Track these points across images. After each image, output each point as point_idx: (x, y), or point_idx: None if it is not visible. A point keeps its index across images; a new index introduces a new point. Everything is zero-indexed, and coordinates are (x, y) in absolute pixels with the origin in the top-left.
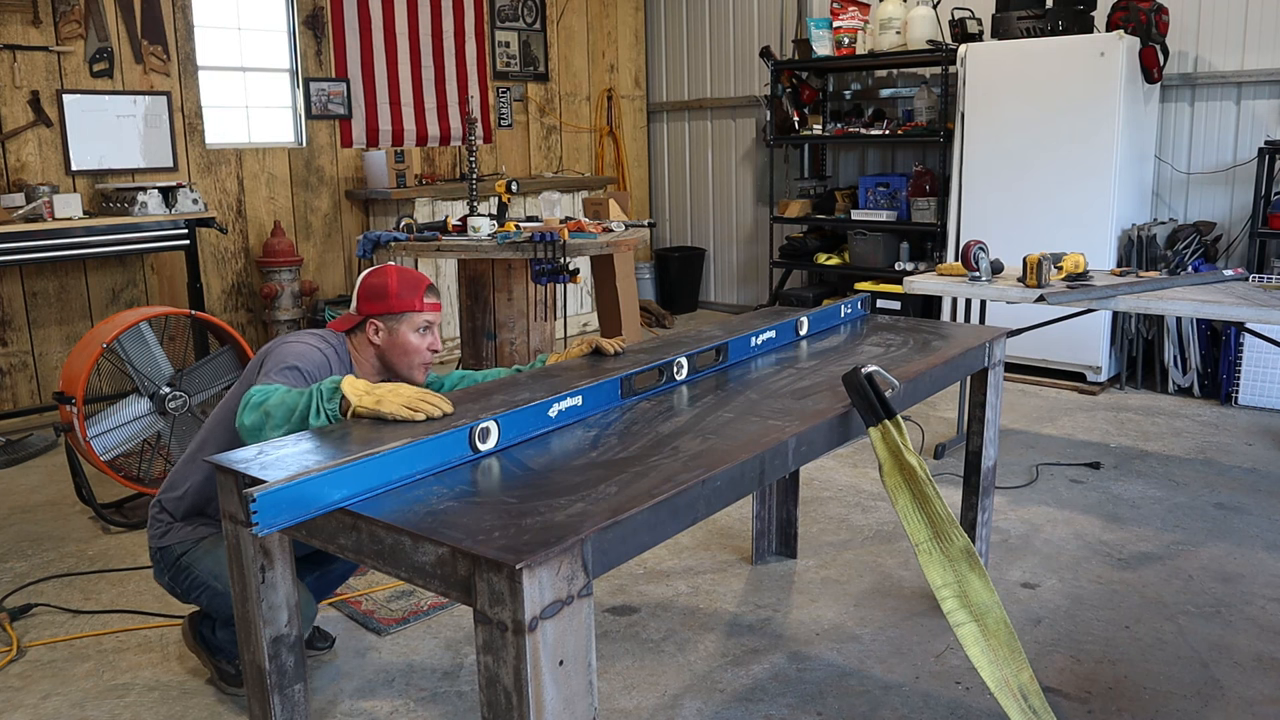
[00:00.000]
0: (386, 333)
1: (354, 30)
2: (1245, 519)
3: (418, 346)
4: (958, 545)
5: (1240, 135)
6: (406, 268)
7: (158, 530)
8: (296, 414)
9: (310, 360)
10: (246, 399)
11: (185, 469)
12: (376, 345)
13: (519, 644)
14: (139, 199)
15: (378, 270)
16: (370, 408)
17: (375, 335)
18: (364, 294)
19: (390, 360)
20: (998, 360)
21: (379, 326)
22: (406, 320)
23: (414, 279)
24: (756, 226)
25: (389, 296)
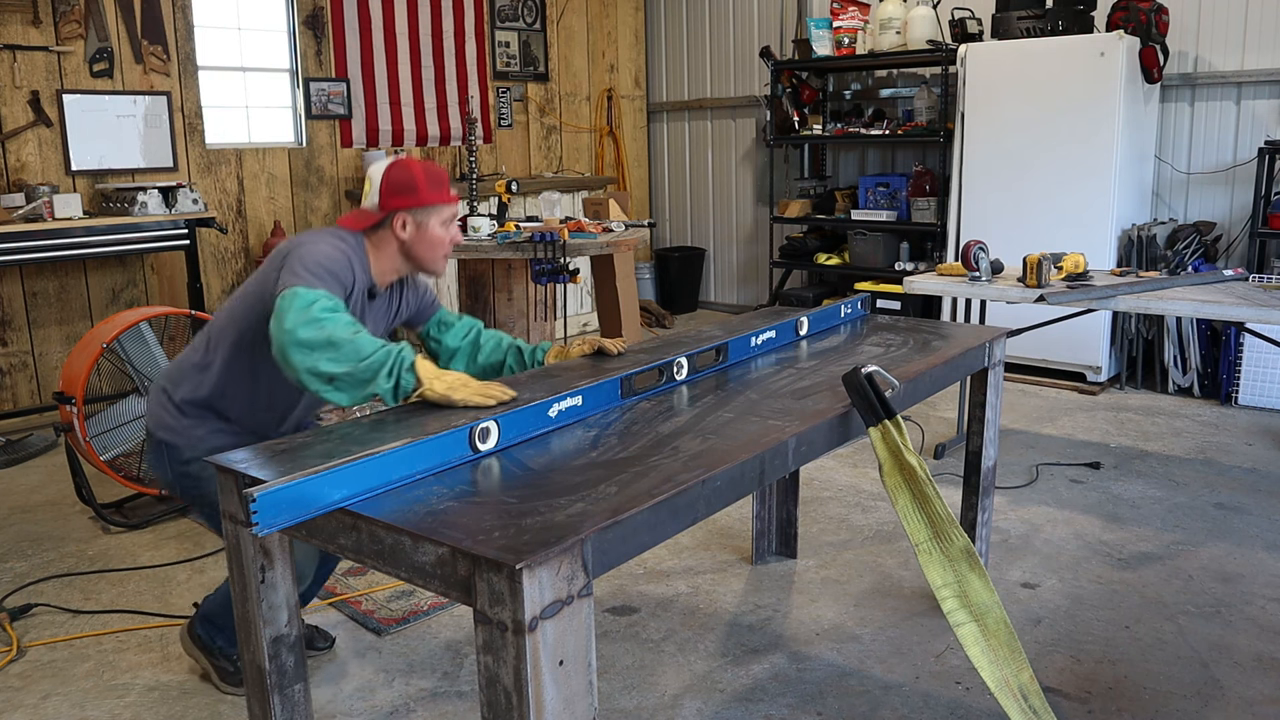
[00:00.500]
0: (415, 226)
1: (354, 30)
2: (1245, 519)
3: (443, 239)
4: (958, 545)
5: (1240, 135)
6: (426, 161)
7: (162, 419)
8: (365, 364)
9: (339, 265)
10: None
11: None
12: (402, 240)
13: (519, 644)
14: (139, 199)
15: (400, 164)
16: (442, 393)
17: (402, 230)
18: (389, 188)
19: (416, 254)
20: (998, 360)
21: (407, 220)
22: (435, 213)
23: (438, 172)
24: (756, 226)
25: (418, 190)
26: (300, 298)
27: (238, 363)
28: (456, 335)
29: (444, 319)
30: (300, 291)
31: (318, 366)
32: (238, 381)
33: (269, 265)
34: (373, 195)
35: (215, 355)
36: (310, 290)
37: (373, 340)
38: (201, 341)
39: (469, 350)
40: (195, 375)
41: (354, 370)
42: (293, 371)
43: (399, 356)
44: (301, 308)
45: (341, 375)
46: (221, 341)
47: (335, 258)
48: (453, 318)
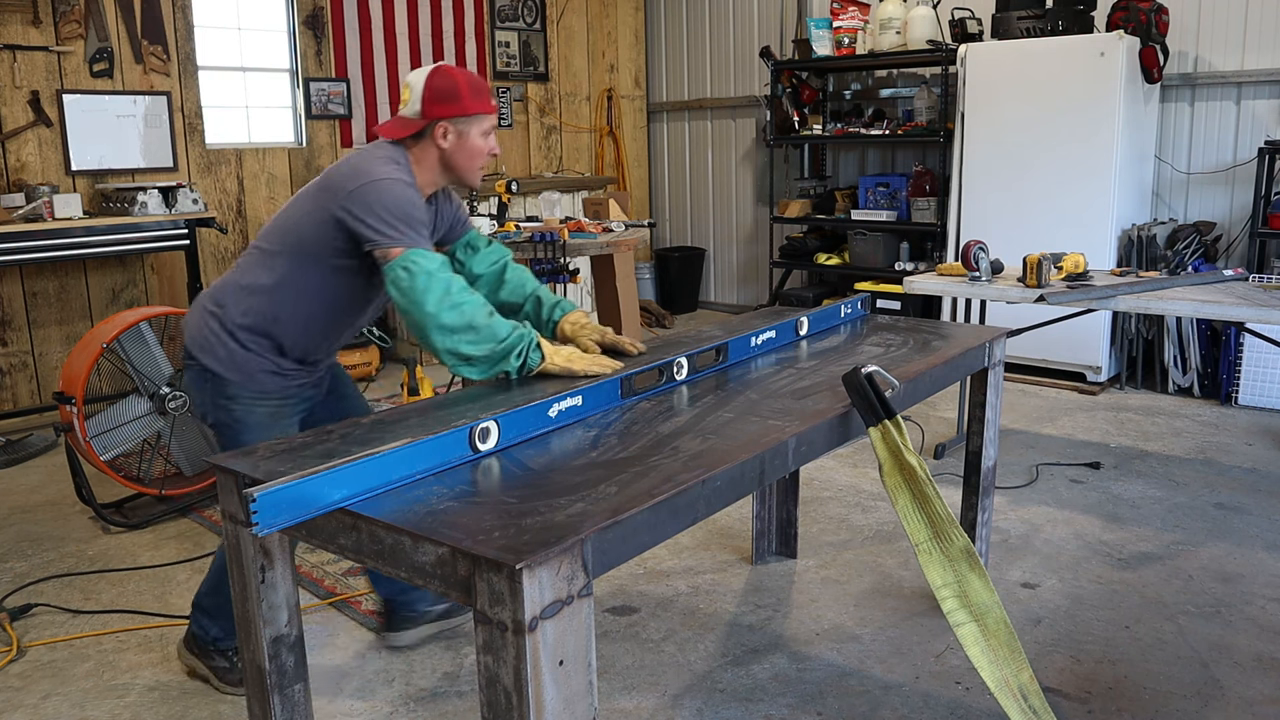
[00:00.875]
0: (456, 136)
1: (354, 30)
2: (1245, 519)
3: (482, 149)
4: (958, 545)
5: (1240, 135)
6: (466, 69)
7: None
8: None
9: (418, 205)
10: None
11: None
12: (443, 149)
13: (519, 644)
14: (139, 199)
15: (441, 71)
16: (562, 365)
17: (443, 138)
18: (432, 96)
19: (456, 164)
20: (998, 360)
21: (448, 129)
22: (476, 123)
23: (479, 81)
24: (756, 226)
25: (461, 98)
26: (435, 279)
27: (293, 287)
28: (483, 262)
29: (472, 241)
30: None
31: (459, 349)
32: (293, 305)
33: (329, 196)
34: (413, 103)
35: (269, 278)
36: (427, 257)
37: (504, 322)
38: (251, 263)
39: (492, 281)
40: (247, 298)
41: (492, 352)
42: (432, 350)
43: (528, 338)
44: (441, 292)
45: (480, 357)
46: (274, 264)
47: (412, 198)
48: (481, 241)
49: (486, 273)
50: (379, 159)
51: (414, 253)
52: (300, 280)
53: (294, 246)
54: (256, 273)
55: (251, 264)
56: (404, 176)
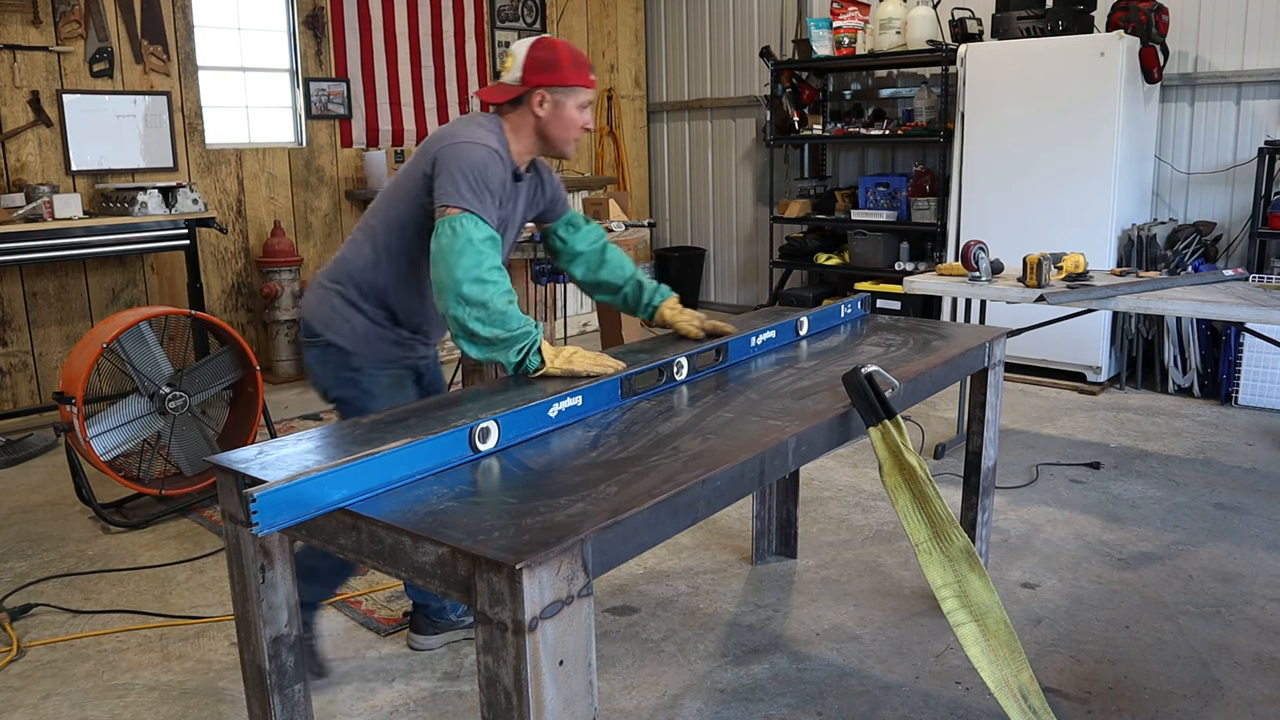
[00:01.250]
0: (553, 105)
1: (354, 30)
2: (1245, 519)
3: (577, 121)
4: (958, 545)
5: (1240, 135)
6: (568, 43)
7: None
8: (507, 336)
9: (493, 175)
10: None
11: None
12: (539, 117)
13: (519, 644)
14: (139, 199)
15: (544, 42)
16: (563, 367)
17: (540, 107)
18: (532, 65)
19: (550, 133)
20: (998, 360)
21: (545, 98)
22: (573, 95)
23: (581, 55)
24: (756, 226)
25: (561, 69)
26: (473, 248)
27: (396, 255)
28: (585, 240)
29: (573, 220)
30: (469, 229)
31: (467, 322)
32: (399, 274)
33: (422, 158)
34: (514, 70)
35: (374, 250)
36: (478, 225)
37: (519, 316)
38: (359, 238)
39: (593, 260)
40: (359, 272)
41: (495, 336)
42: (443, 311)
43: (533, 339)
44: (473, 262)
45: (483, 337)
46: (377, 236)
47: (490, 165)
48: (580, 220)
49: (588, 250)
50: (473, 124)
51: (467, 216)
52: (401, 247)
53: (394, 216)
54: (363, 247)
55: (359, 239)
56: (491, 143)
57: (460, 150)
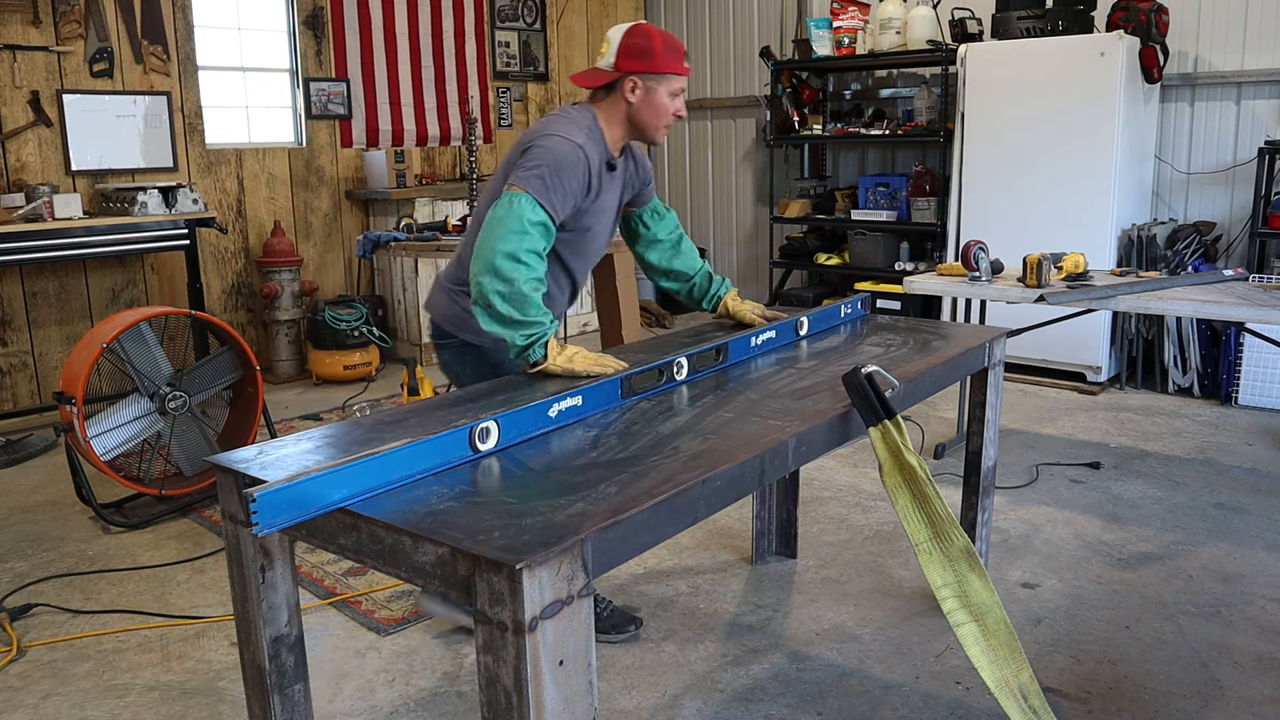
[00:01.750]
0: (644, 91)
1: (354, 30)
2: (1245, 519)
3: (668, 109)
4: (958, 545)
5: (1240, 135)
6: (665, 30)
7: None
8: (520, 320)
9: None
10: (514, 230)
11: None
12: (630, 103)
13: (519, 644)
14: (139, 199)
15: (639, 29)
16: (564, 366)
17: (631, 93)
18: (626, 51)
19: (641, 119)
20: (998, 360)
21: (637, 84)
22: (665, 82)
23: (675, 42)
24: (756, 226)
25: (654, 56)
26: (523, 228)
27: None
28: (665, 228)
29: (657, 207)
30: (525, 210)
31: (488, 292)
32: None
33: (515, 151)
34: (609, 56)
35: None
36: (534, 208)
37: (539, 305)
38: (469, 238)
39: (670, 248)
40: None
41: (510, 316)
42: (472, 275)
43: (544, 332)
44: (517, 241)
45: (499, 311)
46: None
47: (569, 162)
48: (663, 207)
49: (666, 238)
50: (564, 118)
51: (529, 198)
52: None
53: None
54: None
55: (468, 239)
56: (577, 138)
57: (546, 144)
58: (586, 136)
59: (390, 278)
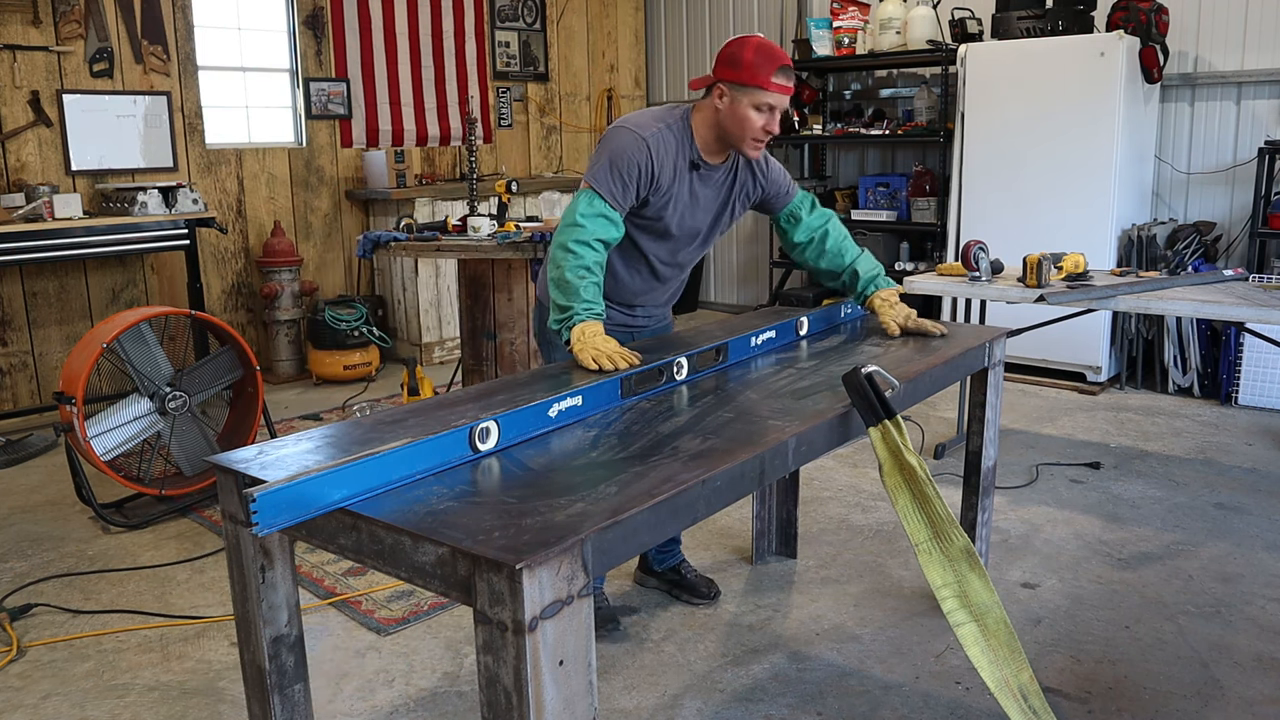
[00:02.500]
0: (730, 100)
1: (354, 30)
2: (1245, 519)
3: (752, 121)
4: (958, 545)
5: (1240, 135)
6: (769, 42)
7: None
8: (560, 304)
9: (633, 164)
10: (572, 223)
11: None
12: (717, 109)
13: (519, 644)
14: (139, 199)
15: (741, 39)
16: (575, 351)
17: (720, 100)
18: (721, 58)
19: (726, 128)
20: (998, 360)
21: (724, 92)
22: (749, 94)
23: (770, 54)
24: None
25: (741, 66)
26: (578, 219)
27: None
28: (803, 232)
29: (794, 212)
30: (582, 201)
31: (550, 271)
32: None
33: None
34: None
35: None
36: (591, 202)
37: (581, 292)
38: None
39: (813, 250)
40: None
41: (554, 298)
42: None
43: (573, 316)
44: (571, 231)
45: (550, 293)
46: None
47: (631, 150)
48: (804, 210)
49: (804, 243)
50: (645, 113)
51: (587, 192)
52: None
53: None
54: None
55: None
56: (645, 131)
57: (613, 135)
58: (662, 130)
59: (390, 278)
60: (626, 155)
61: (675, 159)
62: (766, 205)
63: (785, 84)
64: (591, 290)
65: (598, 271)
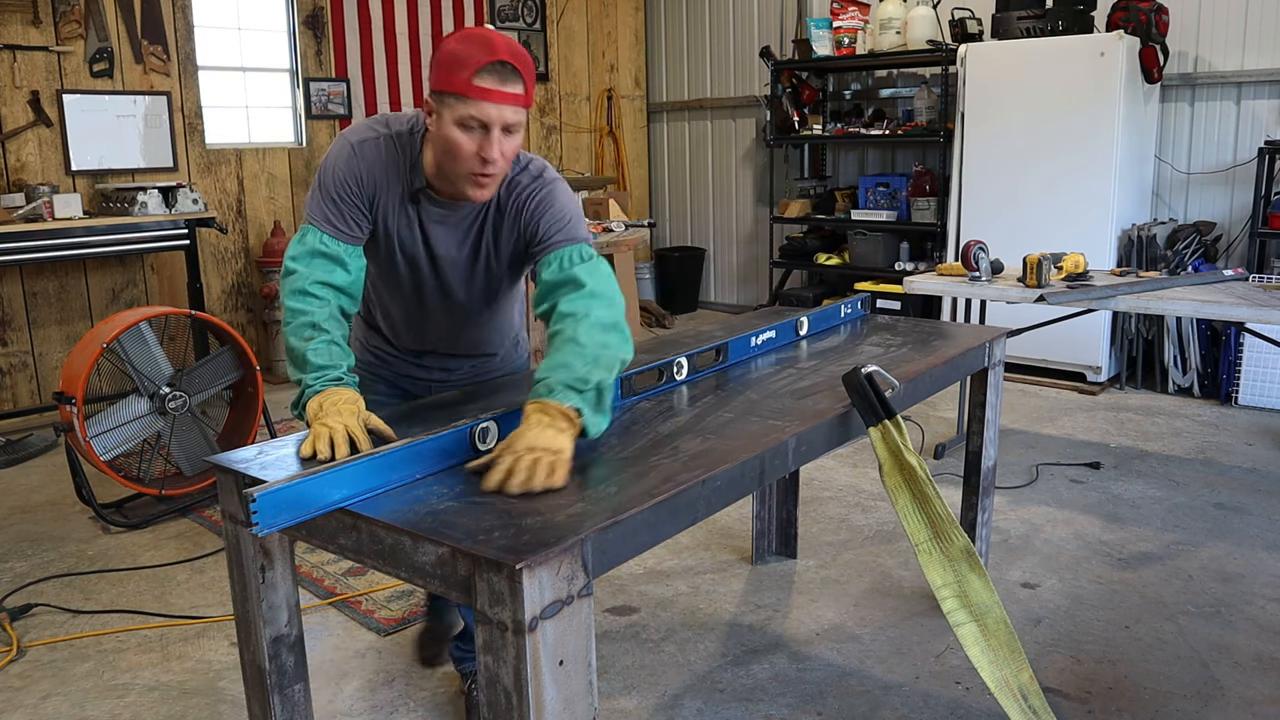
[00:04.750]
0: (436, 118)
1: (354, 30)
2: (1245, 519)
3: (460, 146)
4: (958, 545)
5: (1240, 135)
6: (489, 32)
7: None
8: (295, 374)
9: (341, 180)
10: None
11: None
12: (431, 133)
13: (519, 644)
14: (139, 199)
15: (459, 33)
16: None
17: (430, 118)
18: (433, 60)
19: (439, 159)
20: (998, 360)
21: (431, 108)
22: (450, 105)
23: (476, 47)
24: (756, 226)
25: (439, 67)
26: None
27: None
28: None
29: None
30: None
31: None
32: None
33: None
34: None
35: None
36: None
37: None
38: None
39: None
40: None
41: (288, 356)
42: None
43: (308, 390)
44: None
45: (286, 348)
46: None
47: (342, 163)
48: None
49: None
50: (376, 117)
51: (302, 228)
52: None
53: None
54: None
55: None
56: (355, 137)
57: (330, 152)
58: (380, 138)
59: None
60: (334, 169)
61: (399, 179)
62: (526, 255)
63: (495, 87)
64: (324, 352)
65: (331, 326)
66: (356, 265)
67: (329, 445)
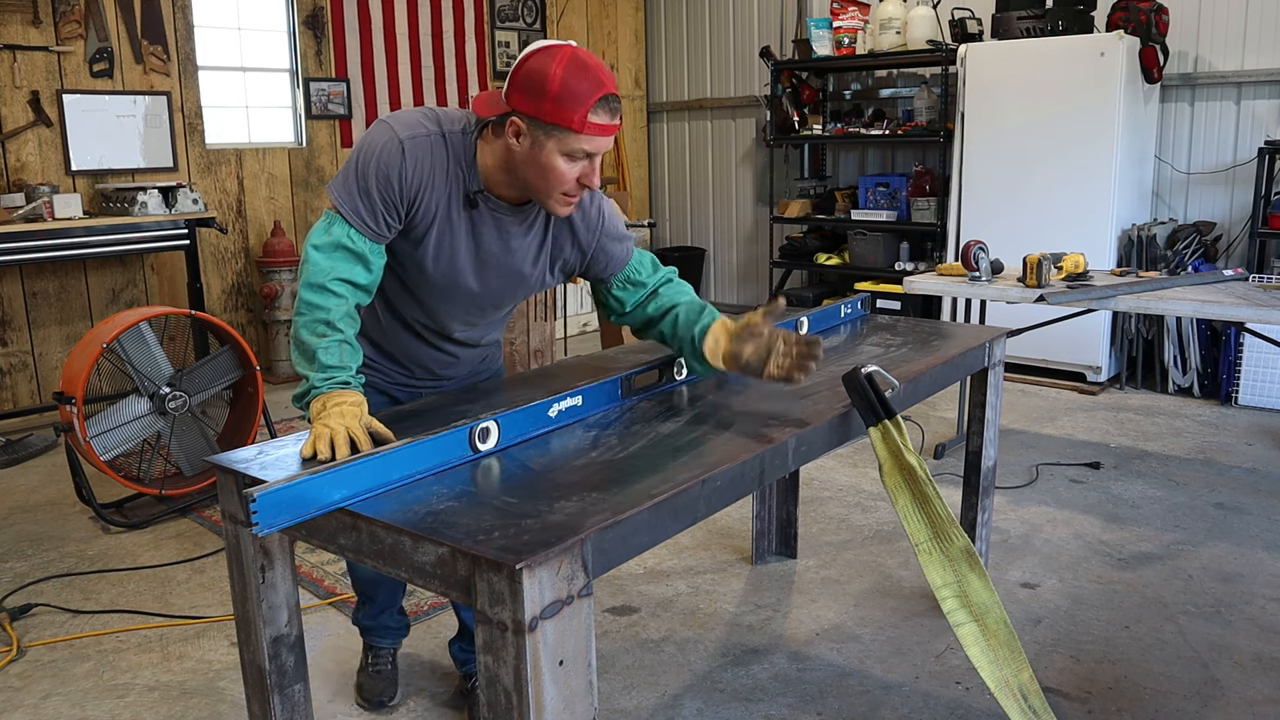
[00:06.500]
0: (530, 141)
1: (354, 30)
2: (1245, 519)
3: (561, 174)
4: (958, 545)
5: (1240, 135)
6: (589, 57)
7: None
8: (302, 368)
9: (377, 168)
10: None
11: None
12: (512, 149)
13: (519, 644)
14: (139, 199)
15: (546, 50)
16: (314, 429)
17: (516, 139)
18: (517, 79)
19: (524, 175)
20: (998, 360)
21: (522, 129)
22: (557, 138)
23: (588, 78)
24: (756, 226)
25: (545, 96)
26: (310, 263)
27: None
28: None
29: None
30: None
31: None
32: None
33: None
34: (507, 81)
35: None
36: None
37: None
38: None
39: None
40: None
41: (296, 346)
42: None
43: (314, 389)
44: (306, 269)
45: (293, 337)
46: None
47: (387, 157)
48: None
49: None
50: (422, 110)
51: (328, 216)
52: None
53: None
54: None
55: None
56: (405, 132)
57: (369, 132)
58: (432, 137)
59: None
60: (378, 163)
61: (447, 180)
62: (594, 273)
63: (608, 122)
64: (335, 352)
65: (345, 325)
66: (378, 264)
67: (329, 446)
